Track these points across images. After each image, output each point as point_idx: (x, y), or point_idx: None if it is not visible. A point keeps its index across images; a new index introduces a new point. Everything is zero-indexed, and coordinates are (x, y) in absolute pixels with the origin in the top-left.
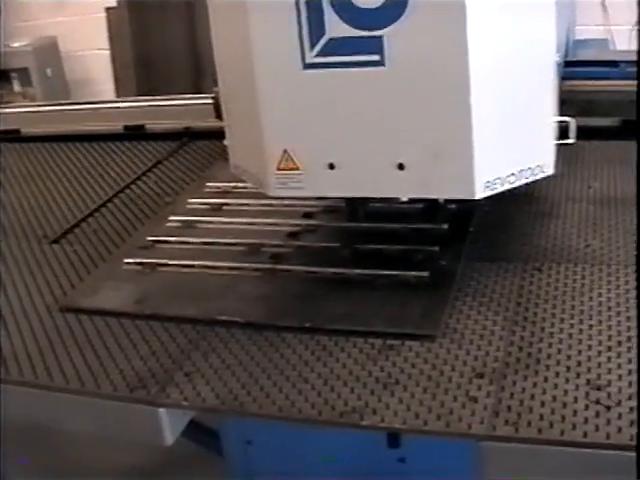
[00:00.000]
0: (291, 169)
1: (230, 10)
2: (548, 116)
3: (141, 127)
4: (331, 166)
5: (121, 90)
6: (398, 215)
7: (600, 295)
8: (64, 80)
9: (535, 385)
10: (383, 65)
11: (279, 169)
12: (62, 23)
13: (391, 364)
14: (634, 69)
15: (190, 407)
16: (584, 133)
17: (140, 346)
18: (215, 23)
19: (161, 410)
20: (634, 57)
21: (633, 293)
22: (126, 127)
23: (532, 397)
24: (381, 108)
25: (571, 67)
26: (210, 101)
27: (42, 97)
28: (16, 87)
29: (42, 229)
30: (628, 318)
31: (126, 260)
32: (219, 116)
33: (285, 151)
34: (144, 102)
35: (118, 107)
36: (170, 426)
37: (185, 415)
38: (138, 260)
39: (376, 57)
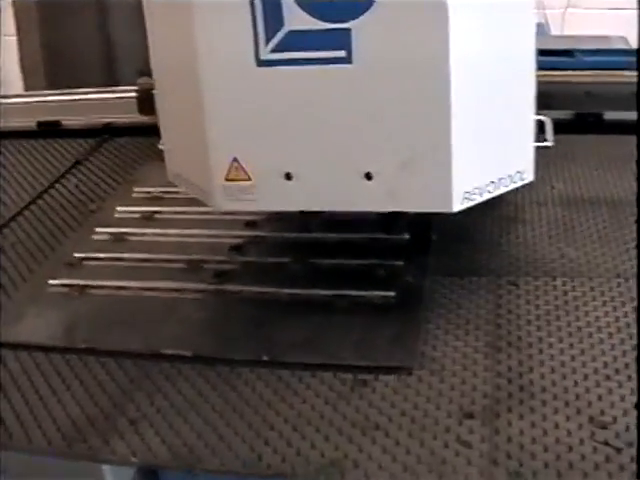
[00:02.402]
0: (241, 180)
1: None
2: (528, 116)
3: (57, 123)
4: (288, 176)
5: (29, 79)
6: (352, 223)
7: (587, 314)
8: None
9: (533, 425)
10: (350, 62)
11: (227, 180)
12: None
13: (367, 404)
14: (592, 58)
15: (140, 463)
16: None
17: (74, 387)
18: (150, 3)
19: (105, 468)
20: (588, 45)
21: (622, 310)
22: (40, 123)
23: (533, 440)
24: (347, 111)
25: None
26: (132, 94)
27: None
28: None
29: None
30: (622, 340)
31: (50, 281)
32: (142, 111)
33: (234, 159)
34: (58, 96)
35: (29, 102)
36: None
37: (131, 469)
38: (64, 281)
39: (342, 53)
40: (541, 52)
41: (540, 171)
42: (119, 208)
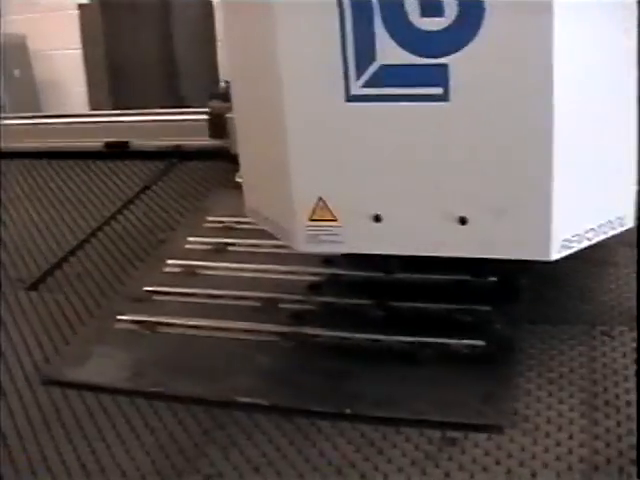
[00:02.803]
0: (326, 220)
1: (254, 15)
2: (631, 159)
3: (125, 144)
4: (377, 218)
5: (93, 93)
6: (436, 264)
7: None
8: (33, 81)
9: None
10: (447, 100)
11: (311, 220)
12: (32, 20)
13: (456, 465)
14: None
15: None
16: None
17: (143, 435)
18: (231, 28)
19: None
20: None
21: None
22: (107, 144)
23: None
24: (441, 151)
25: None
26: (203, 117)
27: (8, 99)
28: None
29: (16, 270)
30: None
31: (119, 317)
32: (214, 135)
33: (320, 199)
34: (127, 116)
35: (97, 121)
36: None
37: None
38: (133, 317)
39: (439, 90)
40: None
41: None
42: (190, 238)
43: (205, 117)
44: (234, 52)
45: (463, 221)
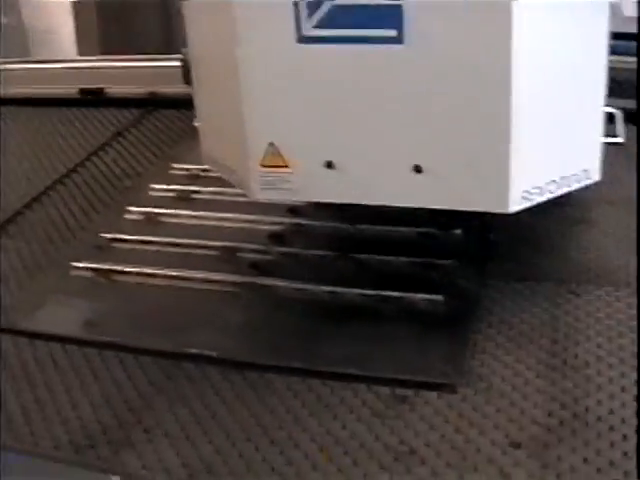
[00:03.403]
0: (279, 167)
1: None
2: (597, 109)
3: (100, 91)
4: (329, 165)
5: (82, 42)
6: (402, 215)
7: None
8: (22, 27)
9: (586, 461)
10: (401, 43)
11: (264, 166)
12: None
13: (403, 424)
14: None
15: (150, 478)
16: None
17: (90, 387)
18: None
19: (114, 479)
20: None
21: None
22: (82, 90)
23: None
24: (396, 97)
25: None
26: (178, 63)
27: None
28: None
29: None
30: None
31: (75, 265)
32: (188, 81)
33: (271, 144)
34: (103, 62)
35: (73, 67)
36: None
37: None
38: (90, 265)
39: (392, 32)
40: (614, 35)
41: (611, 167)
42: (154, 186)
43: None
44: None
45: (418, 170)
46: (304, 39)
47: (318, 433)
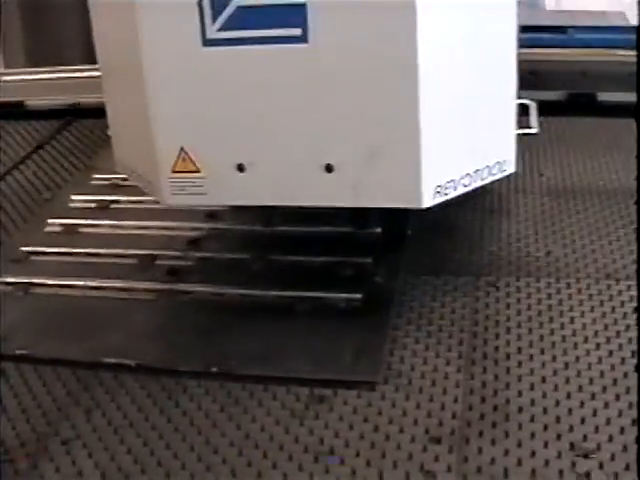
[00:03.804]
0: (190, 172)
1: None
2: (510, 101)
3: (20, 104)
4: (240, 168)
5: (8, 55)
6: (319, 216)
7: (572, 321)
8: None
9: (507, 453)
10: (306, 42)
11: (175, 172)
12: None
13: (322, 424)
14: (586, 36)
15: None
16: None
17: (7, 400)
18: None
19: None
20: (582, 21)
21: (612, 317)
22: (2, 104)
23: (505, 472)
24: (303, 96)
25: None
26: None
27: None
28: None
29: None
30: (610, 353)
31: None
32: None
33: (182, 149)
34: (24, 75)
35: None
36: None
37: None
38: (8, 279)
39: (297, 31)
40: (534, 28)
41: (527, 157)
42: (74, 197)
43: None
44: (96, 4)
45: (329, 169)
46: (209, 42)
47: (236, 437)
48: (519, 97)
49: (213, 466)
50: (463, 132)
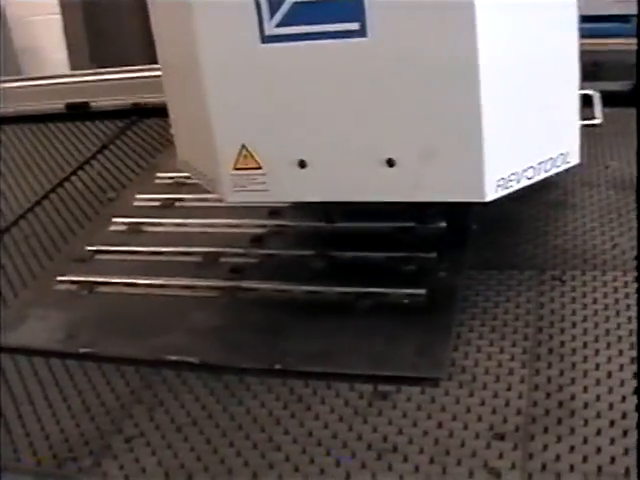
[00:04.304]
0: (251, 168)
1: None
2: (572, 91)
3: (85, 105)
4: (301, 164)
5: (74, 59)
6: (382, 211)
7: None
8: (12, 48)
9: (572, 450)
10: (364, 36)
11: (236, 169)
12: None
13: (386, 421)
14: None
15: None
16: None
17: (71, 398)
18: None
19: None
20: None
21: None
22: (68, 105)
23: (571, 468)
24: (363, 90)
25: None
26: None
27: None
28: None
29: None
30: None
31: (59, 278)
32: None
33: (243, 146)
34: (88, 76)
35: (60, 83)
36: None
37: None
38: (73, 278)
39: (355, 25)
40: (594, 18)
41: (592, 149)
42: (138, 196)
43: None
44: (155, 6)
45: (391, 163)
46: (267, 38)
47: (299, 434)
48: (582, 88)
49: (276, 463)
50: (525, 124)
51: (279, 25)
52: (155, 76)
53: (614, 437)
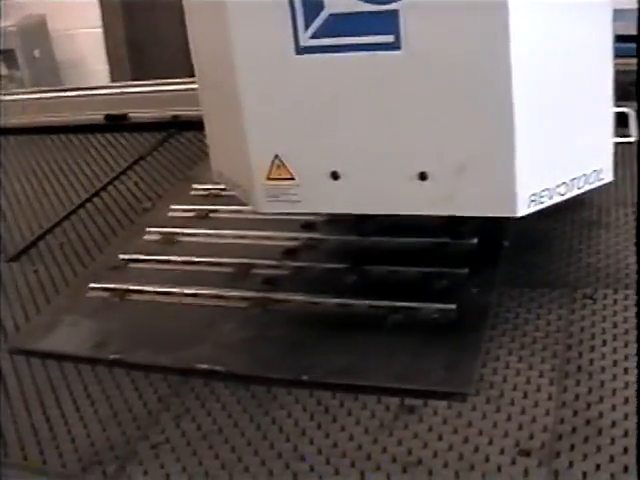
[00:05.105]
0: (284, 179)
1: None
2: (606, 108)
3: (124, 116)
4: (334, 175)
5: (115, 71)
6: (415, 226)
7: None
8: (54, 61)
9: (598, 468)
10: (398, 48)
11: (269, 179)
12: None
13: (411, 435)
14: None
15: None
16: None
17: (99, 403)
18: (188, 4)
19: None
20: None
21: None
22: (107, 117)
23: None
24: (397, 103)
25: None
26: None
27: (30, 80)
28: (2, 70)
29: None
30: None
31: (91, 285)
32: None
33: (276, 157)
34: (128, 88)
35: (100, 94)
36: None
37: None
38: (105, 285)
39: (389, 38)
40: (626, 38)
41: (627, 169)
42: (173, 206)
43: None
44: (191, 22)
45: (423, 177)
46: (302, 49)
47: (325, 445)
48: (619, 107)
49: (300, 474)
50: (559, 140)
51: (314, 37)
52: (195, 89)
53: None
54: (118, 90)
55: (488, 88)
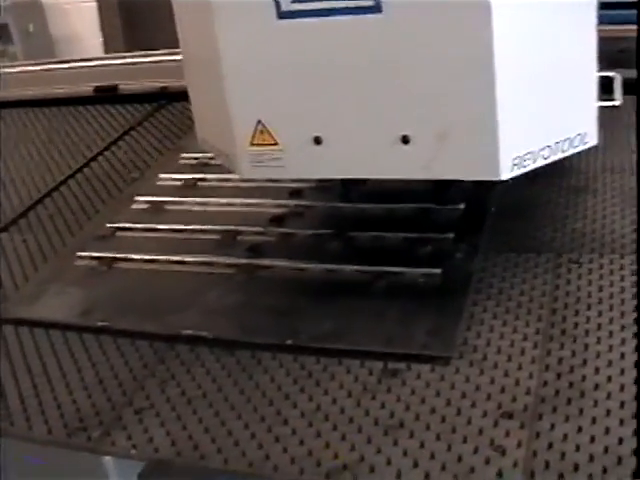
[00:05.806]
0: (268, 145)
1: None
2: (590, 72)
3: (114, 88)
4: (317, 140)
5: (109, 44)
6: (401, 192)
7: None
8: (48, 36)
9: (580, 430)
10: (379, 11)
11: (253, 145)
12: None
13: (394, 398)
14: None
15: (138, 457)
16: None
17: (85, 370)
18: None
19: (107, 461)
20: None
21: None
22: (97, 88)
23: (577, 448)
24: (379, 67)
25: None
26: None
27: (24, 55)
28: None
29: None
30: None
31: (79, 254)
32: None
33: (259, 122)
34: (117, 60)
35: (89, 66)
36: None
37: (135, 465)
38: (93, 254)
39: (369, 2)
40: (612, 5)
41: (616, 135)
42: (162, 175)
43: None
44: None
45: (406, 140)
46: (284, 14)
47: (307, 409)
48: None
49: (282, 437)
50: (542, 104)
51: (296, 1)
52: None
53: (624, 418)
54: (108, 62)
55: (469, 50)
